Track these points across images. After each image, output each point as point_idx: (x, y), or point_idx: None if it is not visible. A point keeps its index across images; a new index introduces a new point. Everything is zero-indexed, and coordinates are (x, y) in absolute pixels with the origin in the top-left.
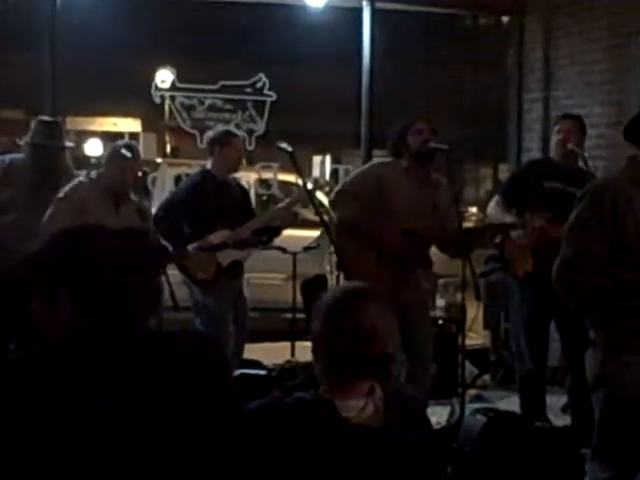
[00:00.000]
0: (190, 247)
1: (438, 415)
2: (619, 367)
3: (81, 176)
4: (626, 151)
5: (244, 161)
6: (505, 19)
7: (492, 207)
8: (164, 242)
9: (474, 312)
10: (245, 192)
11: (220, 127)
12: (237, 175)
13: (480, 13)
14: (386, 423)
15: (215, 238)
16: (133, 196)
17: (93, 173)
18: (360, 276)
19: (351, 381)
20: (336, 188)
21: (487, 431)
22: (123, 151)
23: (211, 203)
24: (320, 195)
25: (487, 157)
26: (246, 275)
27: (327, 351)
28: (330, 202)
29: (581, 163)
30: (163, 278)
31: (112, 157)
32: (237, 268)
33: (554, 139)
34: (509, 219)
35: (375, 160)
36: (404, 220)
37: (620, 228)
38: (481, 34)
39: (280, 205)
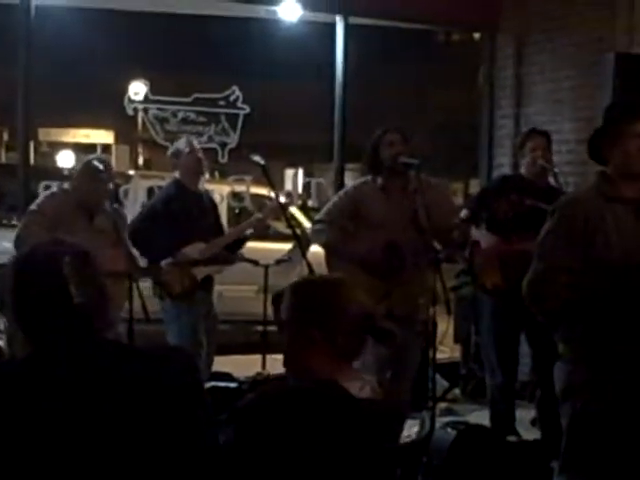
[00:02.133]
0: (164, 262)
1: (408, 428)
2: (586, 380)
3: (54, 187)
4: (596, 167)
5: (217, 174)
6: (477, 36)
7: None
8: (139, 253)
9: (445, 326)
10: (215, 204)
11: (181, 140)
12: (209, 187)
13: (452, 29)
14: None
15: (191, 251)
16: (108, 207)
17: (66, 185)
18: None
19: (346, 365)
20: (315, 217)
21: (457, 444)
22: (96, 164)
23: (186, 214)
24: (292, 208)
25: (458, 172)
26: (218, 287)
27: (321, 339)
28: (311, 232)
29: (551, 179)
30: (135, 290)
31: (85, 171)
32: (210, 281)
33: (526, 156)
34: (477, 234)
35: (348, 185)
36: (383, 233)
37: (589, 244)
38: (453, 50)
39: (252, 218)
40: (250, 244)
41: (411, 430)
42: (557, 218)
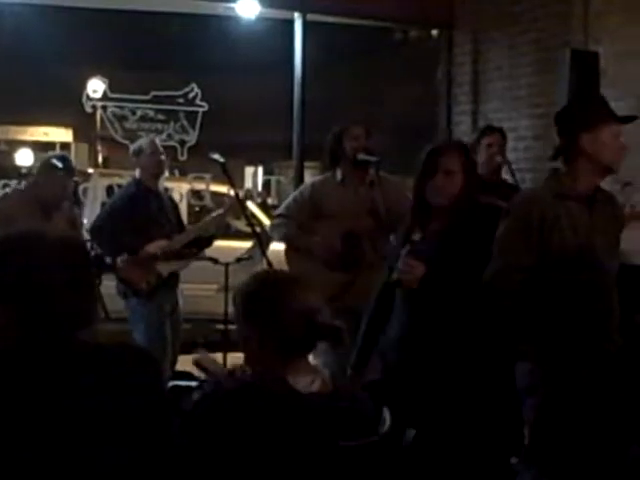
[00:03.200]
0: (119, 259)
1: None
2: (547, 377)
3: (7, 189)
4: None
5: (176, 172)
6: (435, 33)
7: None
8: (99, 252)
9: None
10: (175, 203)
11: (144, 139)
12: (169, 186)
13: (410, 27)
14: (334, 392)
15: (153, 248)
16: (66, 206)
17: (22, 183)
18: None
19: (295, 360)
20: (275, 212)
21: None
22: (54, 162)
23: (147, 212)
24: (252, 206)
25: (414, 170)
26: (180, 286)
27: (266, 336)
28: (270, 227)
29: (507, 176)
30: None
31: (44, 169)
32: (174, 278)
33: (483, 153)
34: None
35: (308, 181)
36: (341, 223)
37: (545, 242)
38: (411, 47)
39: (211, 215)
40: None
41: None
42: (512, 217)
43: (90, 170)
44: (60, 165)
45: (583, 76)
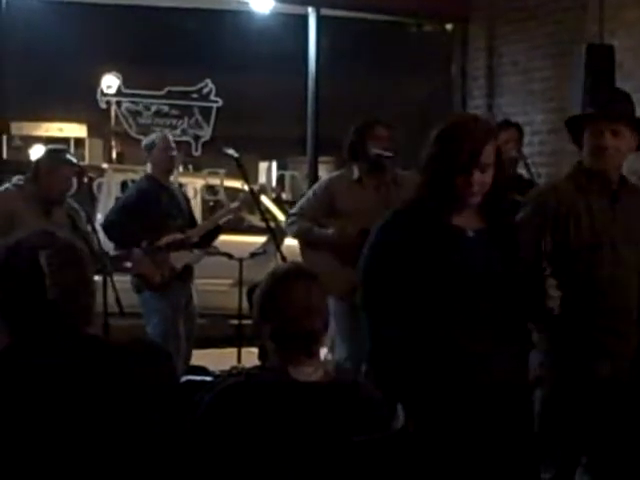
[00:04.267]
0: (136, 251)
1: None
2: (555, 369)
3: (7, 184)
4: (568, 158)
5: (190, 168)
6: (449, 27)
7: None
8: (109, 246)
9: None
10: (187, 198)
11: (157, 133)
12: (183, 181)
13: (424, 21)
14: (334, 382)
15: (167, 241)
16: (69, 201)
17: (21, 178)
18: (324, 281)
19: (299, 353)
20: (290, 211)
21: None
22: (55, 155)
23: (161, 207)
24: (266, 201)
25: None
26: (194, 281)
27: (269, 332)
28: (285, 225)
29: (523, 170)
30: (109, 283)
31: (44, 162)
32: (189, 272)
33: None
34: None
35: (323, 179)
36: (357, 221)
37: (562, 231)
38: (425, 41)
39: (225, 209)
40: (224, 237)
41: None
42: (529, 209)
43: (104, 165)
44: (64, 158)
45: (599, 70)
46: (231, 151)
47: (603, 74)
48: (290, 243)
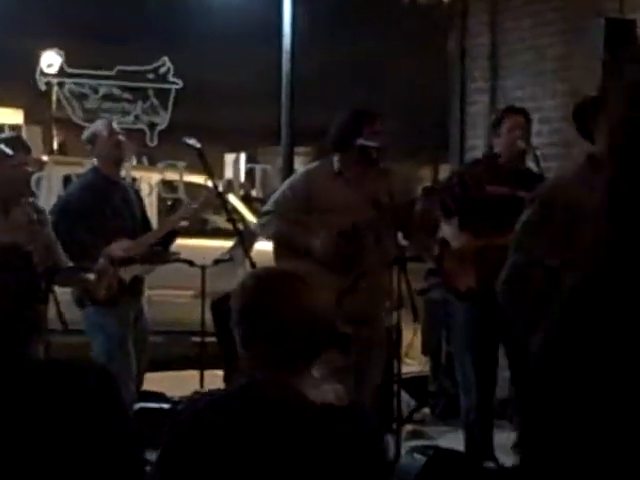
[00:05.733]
0: (98, 265)
1: None
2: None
3: None
4: (584, 148)
5: (145, 160)
6: None
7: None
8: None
9: (411, 335)
10: (139, 196)
11: (97, 122)
12: (136, 176)
13: None
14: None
15: (117, 249)
16: (31, 199)
17: None
18: None
19: (303, 369)
20: (262, 209)
21: (426, 473)
22: (2, 148)
23: (109, 207)
24: (233, 199)
25: (425, 156)
26: (147, 292)
27: (271, 342)
28: (258, 226)
29: (531, 163)
30: (50, 297)
31: None
32: (139, 284)
33: (505, 138)
34: (447, 231)
35: (299, 170)
36: (338, 220)
37: (570, 234)
38: (418, 14)
39: (184, 208)
40: (185, 241)
41: None
42: (536, 207)
43: (44, 157)
44: (11, 152)
45: (618, 48)
46: (192, 141)
47: (623, 50)
48: (261, 248)
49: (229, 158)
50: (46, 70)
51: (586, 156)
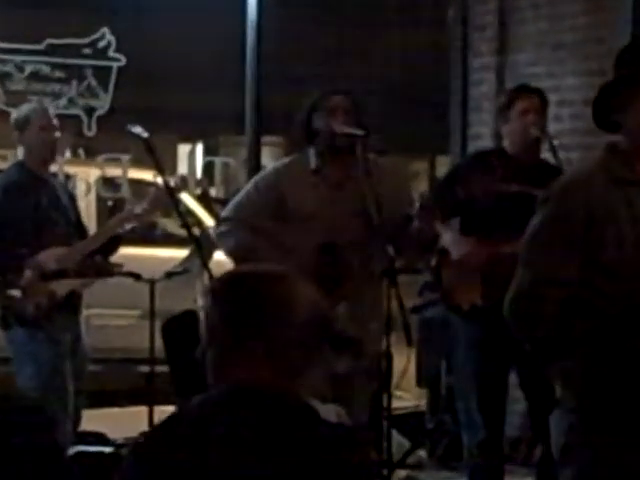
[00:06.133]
0: (24, 279)
1: None
2: (589, 437)
3: None
4: (609, 137)
5: (81, 152)
6: None
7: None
8: None
9: (404, 362)
10: (73, 196)
11: (26, 105)
12: (71, 171)
13: None
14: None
15: (45, 259)
16: None
17: None
18: None
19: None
20: (221, 214)
21: None
22: None
23: (35, 209)
24: (188, 199)
25: (421, 147)
26: (85, 312)
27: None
28: (215, 237)
29: (548, 154)
30: None
31: None
32: (75, 300)
33: (516, 123)
34: (447, 237)
35: (268, 167)
36: (318, 232)
37: (596, 243)
38: None
39: (127, 210)
40: (130, 250)
41: None
42: (550, 209)
43: None
44: None
45: None
46: (138, 129)
47: None
48: (222, 258)
49: (183, 149)
50: None
51: (606, 146)
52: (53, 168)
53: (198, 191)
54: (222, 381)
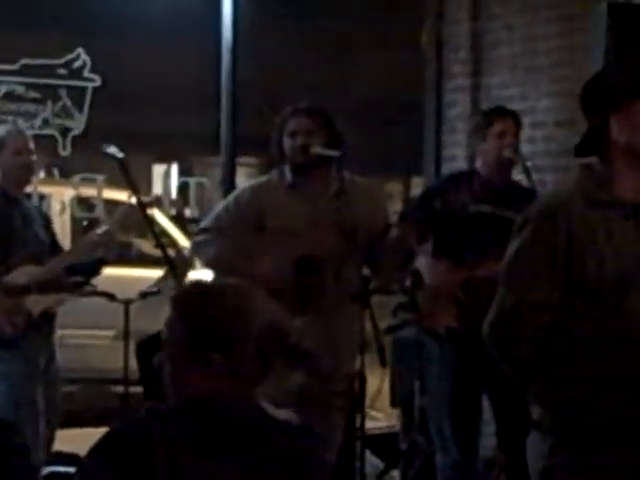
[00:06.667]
0: None
1: None
2: (570, 459)
3: None
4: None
5: (56, 172)
6: None
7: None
8: None
9: (377, 383)
10: (46, 216)
11: (0, 126)
12: (46, 191)
13: None
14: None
15: (19, 276)
16: None
17: None
18: None
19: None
20: (200, 225)
21: None
22: None
23: (8, 229)
24: (162, 219)
25: (395, 168)
26: (59, 332)
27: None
28: (192, 246)
29: (519, 176)
30: None
31: None
32: (49, 319)
33: (493, 144)
34: (421, 262)
35: (244, 184)
36: (295, 247)
37: (576, 265)
38: None
39: (100, 229)
40: (104, 270)
41: None
42: (530, 232)
43: None
44: None
45: (624, 38)
46: (113, 149)
47: (631, 43)
48: (197, 278)
49: (158, 170)
50: None
51: (581, 167)
52: (28, 189)
53: (173, 211)
54: (182, 391)
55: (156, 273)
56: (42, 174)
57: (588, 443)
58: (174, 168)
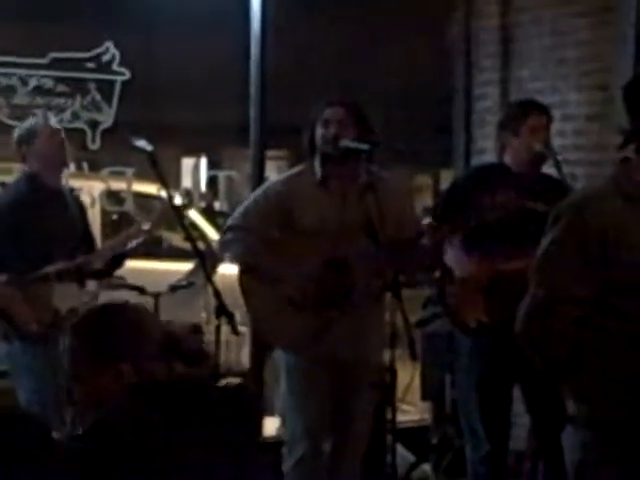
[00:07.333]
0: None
1: None
2: (605, 454)
3: None
4: (615, 153)
5: (85, 166)
6: None
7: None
8: None
9: (408, 377)
10: (83, 208)
11: (33, 118)
12: (76, 185)
13: None
14: None
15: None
16: None
17: None
18: (271, 328)
19: None
20: (228, 222)
21: None
22: None
23: (43, 222)
24: (192, 213)
25: (425, 161)
26: None
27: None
28: (219, 244)
29: (551, 169)
30: None
31: None
32: (76, 316)
33: (525, 139)
34: (450, 256)
35: (273, 179)
36: (323, 246)
37: (610, 261)
38: None
39: (134, 227)
40: (134, 263)
41: None
42: (563, 226)
43: None
44: None
45: None
46: (142, 143)
47: None
48: (226, 272)
49: (187, 163)
50: None
51: (620, 161)
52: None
53: (202, 205)
54: (98, 406)
55: (186, 266)
56: (72, 168)
57: (622, 438)
58: (203, 161)
